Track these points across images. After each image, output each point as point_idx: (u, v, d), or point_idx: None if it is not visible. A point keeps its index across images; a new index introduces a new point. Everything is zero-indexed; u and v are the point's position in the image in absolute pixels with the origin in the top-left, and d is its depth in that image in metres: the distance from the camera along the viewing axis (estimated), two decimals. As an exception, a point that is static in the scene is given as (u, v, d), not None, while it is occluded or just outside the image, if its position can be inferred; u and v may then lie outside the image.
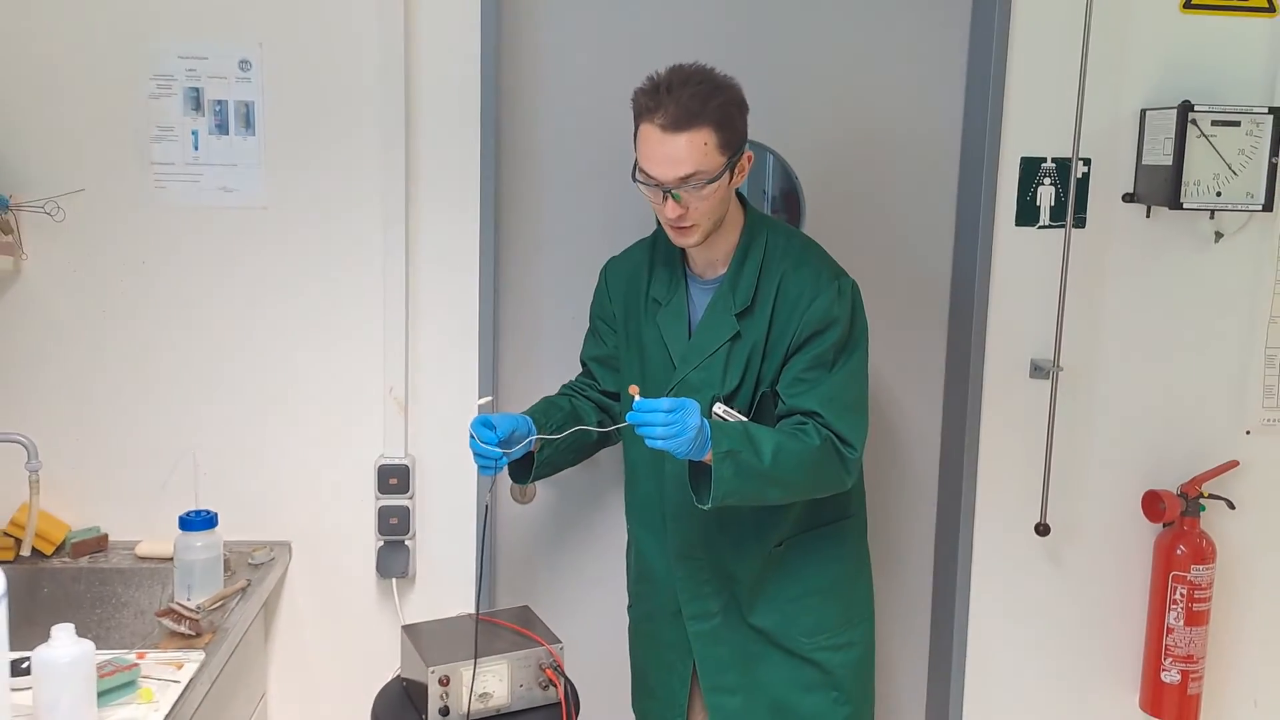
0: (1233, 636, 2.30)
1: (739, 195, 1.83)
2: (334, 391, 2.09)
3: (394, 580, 2.13)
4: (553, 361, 2.19)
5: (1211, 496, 2.21)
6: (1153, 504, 2.21)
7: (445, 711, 1.78)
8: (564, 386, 2.01)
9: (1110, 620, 2.28)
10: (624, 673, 2.17)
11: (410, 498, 2.11)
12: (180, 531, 1.84)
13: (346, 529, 2.12)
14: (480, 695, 1.79)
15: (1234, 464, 2.23)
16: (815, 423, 1.71)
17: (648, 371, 1.86)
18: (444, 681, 1.77)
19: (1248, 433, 2.25)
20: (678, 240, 1.76)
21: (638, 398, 1.62)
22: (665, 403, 1.58)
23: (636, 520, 1.97)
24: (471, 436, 1.71)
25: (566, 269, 2.18)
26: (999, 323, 2.19)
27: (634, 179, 1.72)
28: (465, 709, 1.77)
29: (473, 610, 2.08)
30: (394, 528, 2.11)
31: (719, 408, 1.75)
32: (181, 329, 2.06)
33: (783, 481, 1.67)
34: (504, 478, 1.97)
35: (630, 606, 2.06)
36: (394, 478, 2.10)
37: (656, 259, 1.89)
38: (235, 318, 2.07)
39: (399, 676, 1.95)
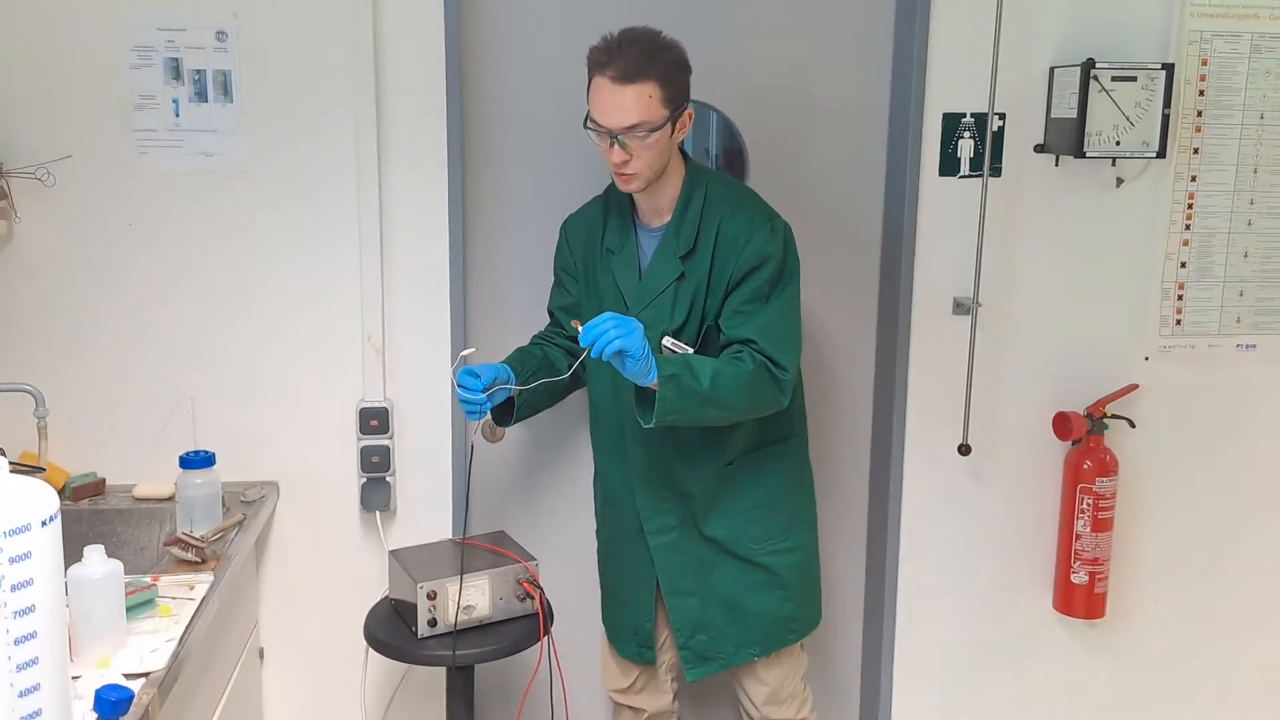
0: (1133, 541, 2.58)
1: (681, 150, 2.03)
2: (317, 341, 2.26)
3: (377, 513, 2.32)
4: (517, 312, 2.38)
5: (1114, 416, 2.47)
6: (1062, 424, 2.47)
7: (433, 623, 1.98)
8: (535, 336, 2.21)
9: (1025, 529, 2.55)
10: (592, 589, 2.39)
11: (390, 438, 2.29)
12: (181, 470, 2.01)
13: (331, 468, 2.30)
14: (465, 608, 2.00)
15: (1134, 387, 2.49)
16: (750, 349, 1.93)
17: (599, 302, 2.06)
18: (431, 596, 1.97)
19: (1146, 359, 2.51)
20: (623, 186, 1.97)
21: (578, 326, 1.83)
22: (607, 315, 1.80)
23: (600, 450, 2.18)
24: (459, 385, 1.93)
25: (528, 227, 2.37)
26: (925, 264, 2.42)
27: (585, 126, 1.92)
28: (452, 619, 1.98)
29: (451, 537, 2.29)
30: (375, 465, 2.29)
31: (668, 341, 1.96)
32: (168, 287, 2.21)
33: (720, 401, 1.87)
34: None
35: (598, 529, 2.28)
36: (374, 419, 2.28)
37: (609, 211, 2.10)
38: (220, 276, 2.22)
39: (387, 597, 2.15)
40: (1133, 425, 2.49)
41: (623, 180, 1.95)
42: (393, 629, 2.03)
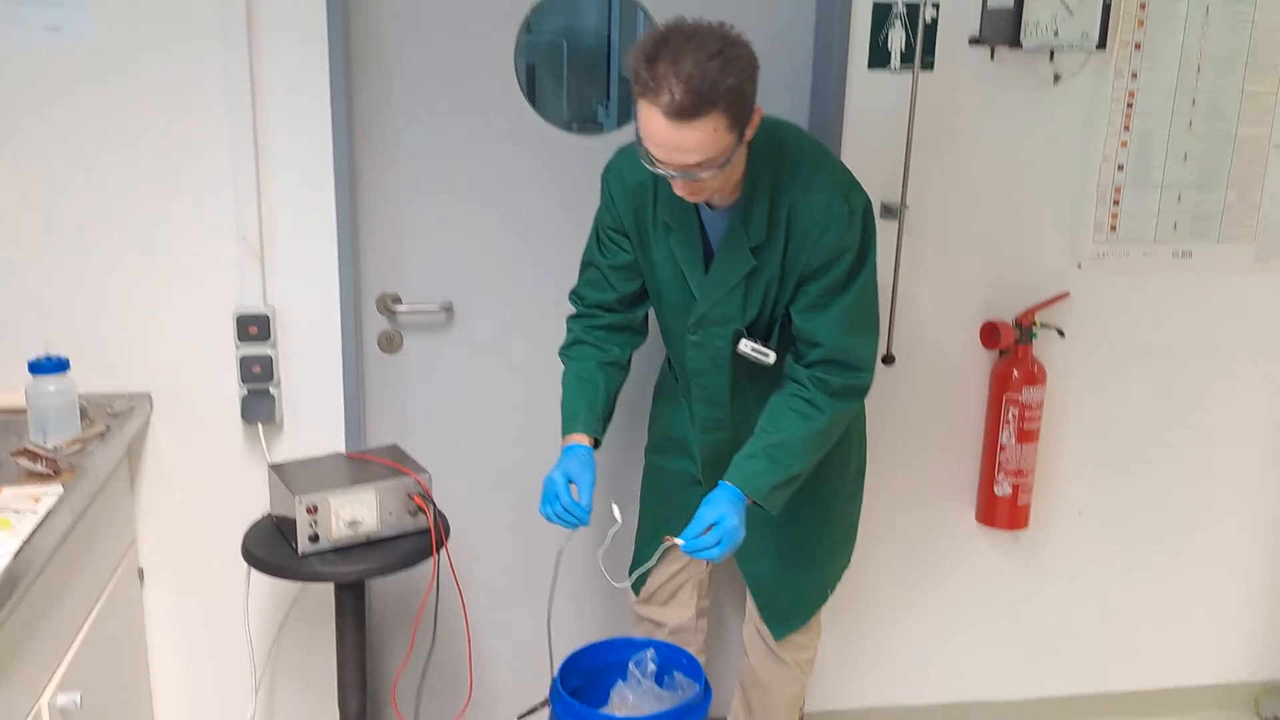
0: (1060, 453, 2.60)
1: None
2: (184, 240, 2.15)
3: (260, 426, 2.24)
4: (416, 198, 2.29)
5: (1043, 326, 2.47)
6: (990, 334, 2.46)
7: (315, 538, 1.93)
8: (573, 328, 2.04)
9: (949, 441, 2.56)
10: (492, 505, 2.35)
11: (272, 346, 2.21)
12: (31, 376, 1.91)
13: (208, 379, 2.22)
14: (350, 523, 1.95)
15: (1065, 295, 2.49)
16: (818, 378, 1.85)
17: (663, 293, 1.97)
18: (311, 510, 1.92)
19: (1079, 266, 2.50)
20: (689, 199, 1.78)
21: (680, 542, 1.81)
22: (709, 538, 1.77)
23: (664, 401, 2.18)
24: (559, 511, 1.85)
25: (427, 95, 2.25)
26: (851, 165, 2.32)
27: (636, 145, 1.70)
28: (335, 535, 1.93)
29: (342, 450, 2.23)
30: (257, 376, 2.21)
31: (745, 346, 1.91)
32: (17, 176, 2.08)
33: (811, 460, 1.89)
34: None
35: (650, 451, 2.24)
36: (254, 326, 2.19)
37: (660, 178, 1.81)
38: (74, 163, 2.09)
39: (269, 514, 2.09)
40: (1062, 335, 2.50)
41: (690, 198, 1.77)
42: (273, 546, 1.98)
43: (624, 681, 2.06)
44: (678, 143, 1.61)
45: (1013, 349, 2.46)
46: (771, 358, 1.90)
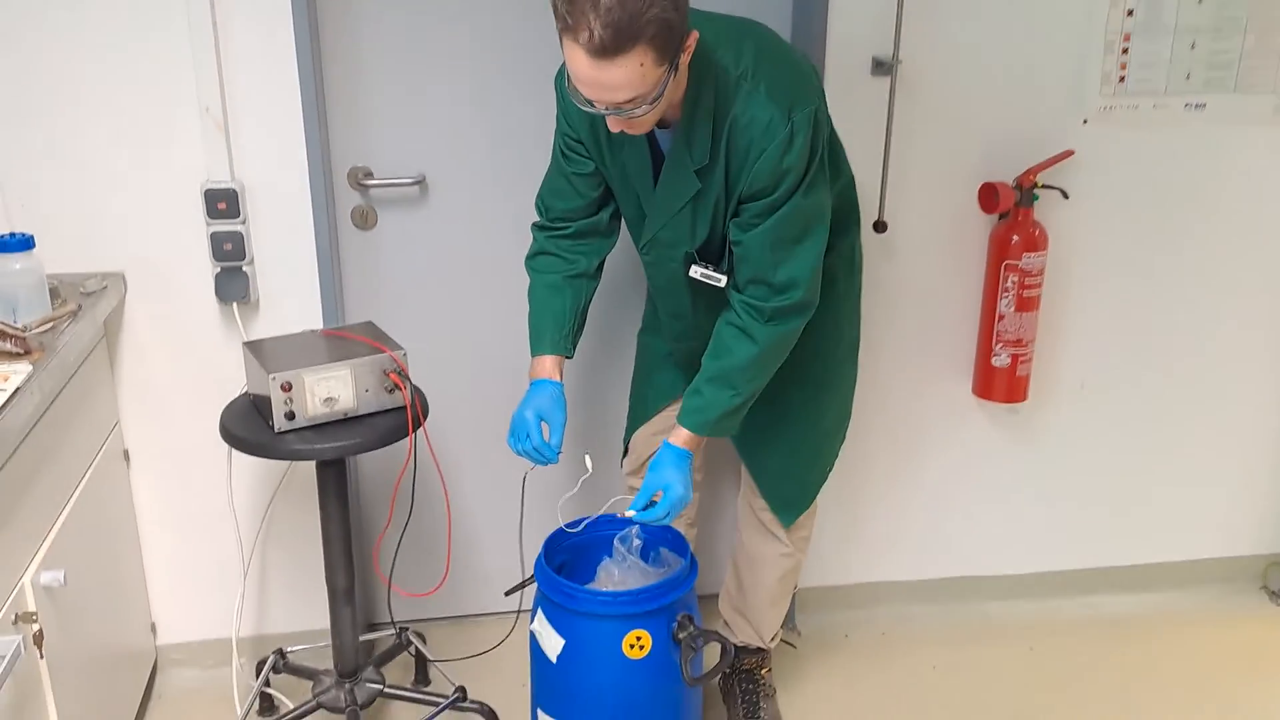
0: (1062, 322, 2.53)
1: None
2: (147, 113, 2.08)
3: (234, 305, 2.21)
4: (385, 67, 2.20)
5: (1045, 187, 2.37)
6: (988, 196, 2.37)
7: (291, 416, 1.91)
8: (539, 238, 1.97)
9: (945, 312, 2.49)
10: (469, 382, 2.33)
11: (243, 223, 2.16)
12: (-4, 255, 1.88)
13: (180, 257, 2.18)
14: (326, 400, 1.93)
15: (1069, 153, 2.38)
16: (748, 304, 1.79)
17: (623, 207, 1.93)
18: (286, 387, 1.89)
19: (1085, 122, 2.38)
20: (629, 132, 1.69)
21: (632, 514, 1.86)
22: (658, 509, 1.84)
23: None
24: (529, 450, 1.88)
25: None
26: (840, 17, 2.24)
27: (565, 81, 1.60)
28: (311, 413, 1.91)
29: (320, 329, 2.19)
30: (229, 254, 2.17)
31: (696, 272, 1.85)
32: (-30, 50, 2.01)
33: (754, 388, 1.85)
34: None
35: (640, 330, 2.22)
36: (222, 202, 2.14)
37: None
38: (28, 38, 2.01)
39: (246, 393, 2.07)
40: (1065, 196, 2.40)
41: (631, 132, 1.69)
42: (250, 424, 1.96)
43: (610, 558, 2.06)
44: (603, 81, 1.52)
45: (1012, 212, 2.37)
46: (724, 280, 1.84)
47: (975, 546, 2.73)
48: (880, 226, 2.33)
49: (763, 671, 2.31)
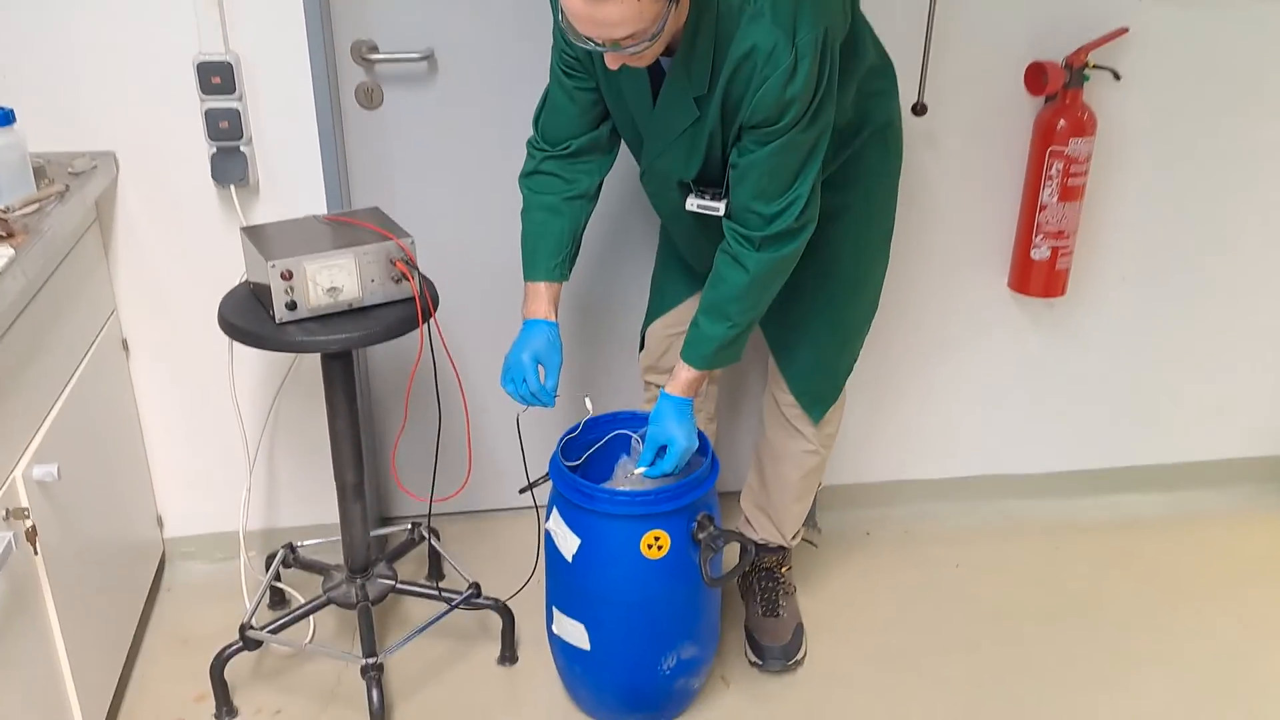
0: (1106, 213, 2.41)
1: None
2: (132, -23, 1.94)
3: (232, 187, 2.10)
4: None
5: (1097, 67, 2.21)
6: (1035, 76, 2.22)
7: (292, 306, 1.82)
8: (535, 155, 1.88)
9: (983, 201, 2.37)
10: (481, 272, 2.23)
11: (239, 99, 2.03)
12: (-26, 132, 1.77)
13: (174, 135, 2.06)
14: (329, 289, 1.84)
15: (1123, 31, 2.22)
16: (738, 232, 1.71)
17: (623, 131, 1.84)
18: (286, 275, 1.80)
19: (1141, -2, 2.22)
20: (632, 65, 1.59)
21: (640, 471, 1.86)
22: (666, 463, 1.82)
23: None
24: (525, 395, 1.85)
25: None
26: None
27: (559, 16, 1.51)
28: (314, 303, 1.82)
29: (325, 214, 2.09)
30: (225, 132, 2.05)
31: (693, 204, 1.76)
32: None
33: (752, 316, 1.78)
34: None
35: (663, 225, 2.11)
36: (216, 76, 2.00)
37: None
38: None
39: (246, 281, 1.98)
40: (1117, 78, 2.25)
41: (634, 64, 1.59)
42: (251, 314, 1.87)
43: (627, 456, 1.99)
44: (599, 18, 1.44)
45: (1060, 94, 2.22)
46: (722, 210, 1.74)
47: (1001, 444, 2.65)
48: (919, 109, 2.19)
49: (783, 569, 2.26)
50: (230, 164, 2.07)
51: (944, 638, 2.26)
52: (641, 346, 2.19)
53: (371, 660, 1.99)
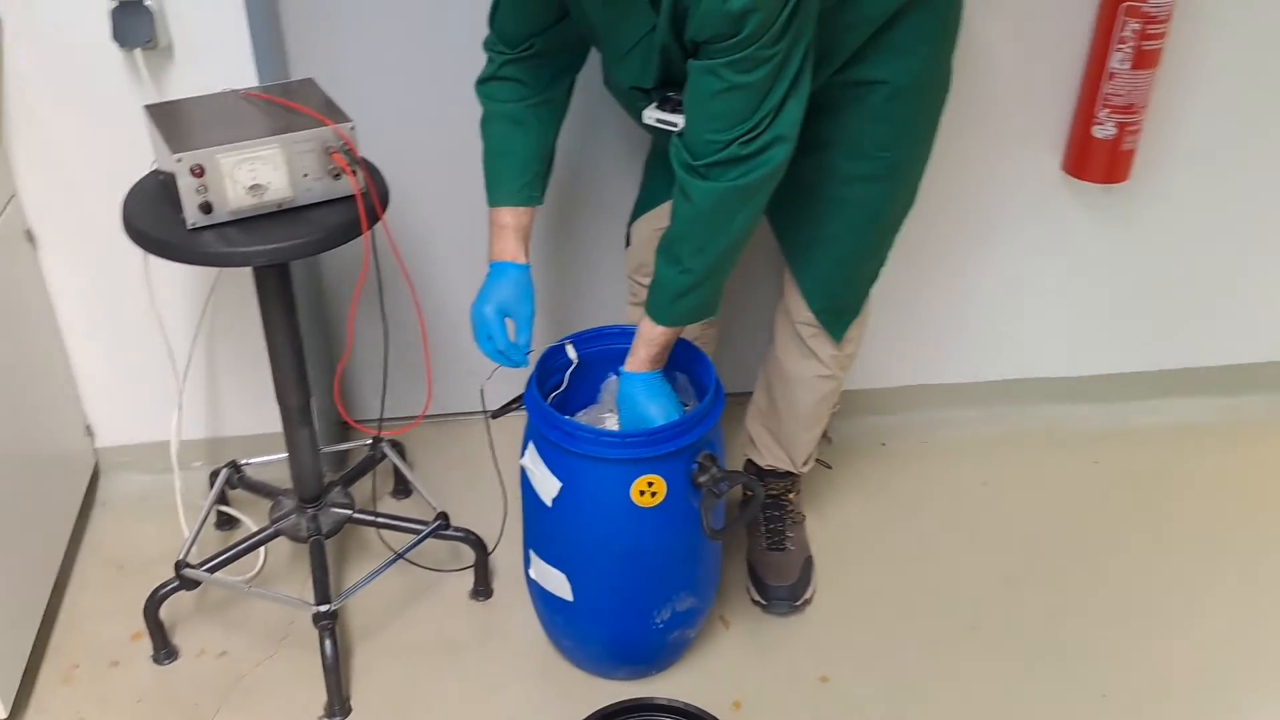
0: (1182, 86, 2.06)
1: None
2: None
3: (138, 52, 1.75)
4: None
5: (1190, -96, 1.84)
6: (1115, -84, 1.84)
7: (207, 208, 1.52)
8: (495, 59, 1.60)
9: (1039, 68, 2.02)
10: (435, 160, 1.92)
11: (141, -62, 1.66)
12: None
13: (62, -14, 1.70)
14: (251, 187, 1.53)
15: None
16: (682, 159, 1.42)
17: (579, 24, 1.55)
18: (198, 171, 1.49)
19: None
20: None
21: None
22: (646, 432, 1.55)
23: None
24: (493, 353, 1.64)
25: None
26: None
27: None
28: (234, 205, 1.51)
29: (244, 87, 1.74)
30: (126, -19, 1.69)
31: (650, 117, 1.50)
32: None
33: (709, 262, 1.48)
34: None
35: None
36: (110, -91, 1.63)
37: None
38: None
39: (155, 171, 1.66)
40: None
41: None
42: (160, 215, 1.56)
43: (616, 375, 1.72)
44: None
45: (1142, -62, 1.85)
46: (682, 123, 1.43)
47: (1038, 346, 2.39)
48: (972, -43, 1.82)
49: (790, 496, 2.02)
50: (134, 21, 1.72)
51: (971, 570, 2.04)
52: (628, 244, 1.90)
53: (324, 608, 1.77)
